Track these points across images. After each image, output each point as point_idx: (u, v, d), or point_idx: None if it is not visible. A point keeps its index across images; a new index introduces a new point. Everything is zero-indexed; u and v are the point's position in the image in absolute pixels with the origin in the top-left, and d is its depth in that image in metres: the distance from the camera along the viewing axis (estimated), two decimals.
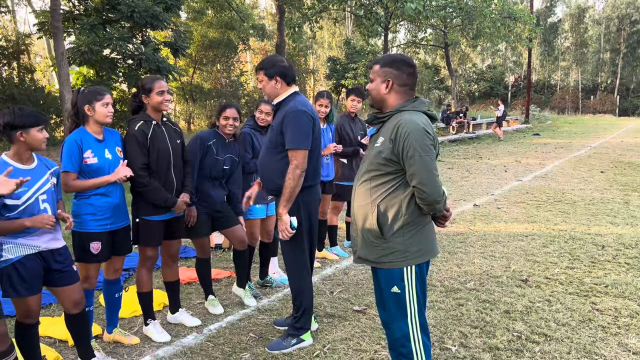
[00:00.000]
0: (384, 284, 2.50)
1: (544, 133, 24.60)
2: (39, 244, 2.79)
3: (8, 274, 2.73)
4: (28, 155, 2.80)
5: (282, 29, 16.50)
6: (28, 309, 2.82)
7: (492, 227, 6.69)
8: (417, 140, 2.32)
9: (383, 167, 2.43)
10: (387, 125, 2.48)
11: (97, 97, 3.20)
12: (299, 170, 3.17)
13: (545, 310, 4.05)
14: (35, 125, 2.75)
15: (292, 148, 3.17)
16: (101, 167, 3.20)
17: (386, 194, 2.44)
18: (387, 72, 2.50)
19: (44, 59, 28.42)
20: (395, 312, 2.49)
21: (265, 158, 3.38)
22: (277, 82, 3.29)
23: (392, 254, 2.45)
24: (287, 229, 3.22)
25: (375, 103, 2.59)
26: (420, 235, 2.47)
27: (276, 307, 4.16)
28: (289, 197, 3.18)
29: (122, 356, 3.36)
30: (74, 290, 2.95)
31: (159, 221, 3.46)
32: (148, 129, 3.38)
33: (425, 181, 2.33)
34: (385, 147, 2.41)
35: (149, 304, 3.62)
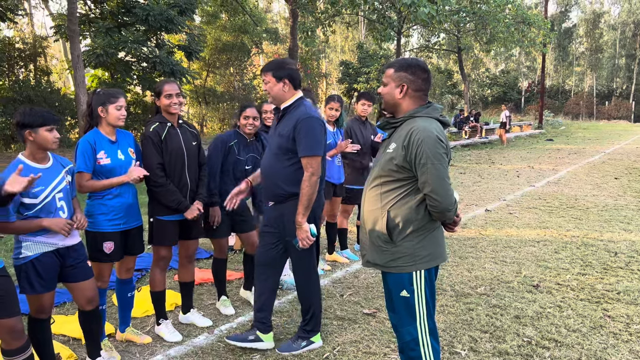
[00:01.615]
0: (393, 288, 2.51)
1: (558, 139, 24.40)
2: (56, 241, 2.85)
3: (26, 271, 2.80)
4: (42, 155, 2.86)
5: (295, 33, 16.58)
6: (42, 304, 2.88)
7: (503, 233, 6.66)
8: (430, 149, 2.32)
9: (395, 173, 2.43)
10: (399, 131, 2.48)
11: (111, 100, 3.25)
12: (316, 177, 3.15)
13: (556, 316, 4.03)
14: (44, 125, 2.79)
15: (307, 155, 3.14)
16: (114, 168, 3.25)
17: (397, 199, 2.44)
18: (402, 77, 2.48)
19: (60, 62, 28.78)
20: (405, 316, 2.50)
21: (272, 163, 3.30)
22: (286, 84, 3.24)
23: (400, 258, 2.46)
24: (308, 237, 3.19)
25: (388, 107, 2.58)
26: (430, 241, 2.48)
27: (286, 309, 4.19)
28: (307, 204, 3.15)
29: (135, 355, 3.41)
30: (88, 286, 3.01)
31: (173, 221, 3.50)
32: (162, 131, 3.44)
33: (437, 189, 2.34)
34: (398, 154, 2.41)
35: (161, 303, 3.67)
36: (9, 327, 2.58)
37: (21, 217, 2.75)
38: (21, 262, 2.80)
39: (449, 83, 43.09)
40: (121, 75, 20.78)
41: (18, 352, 2.64)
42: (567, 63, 53.11)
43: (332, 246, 5.51)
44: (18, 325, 2.62)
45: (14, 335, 2.61)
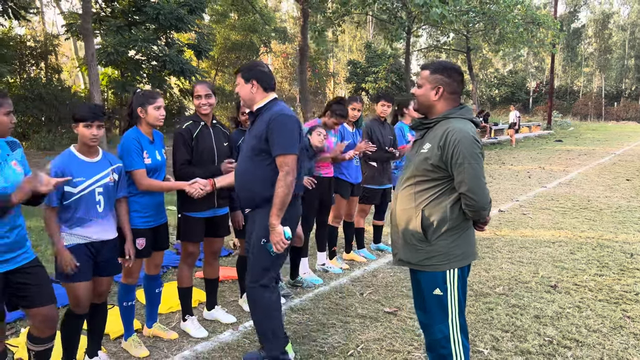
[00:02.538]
0: (426, 286, 2.55)
1: (567, 140, 24.34)
2: (89, 234, 2.92)
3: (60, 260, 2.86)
4: (88, 149, 2.96)
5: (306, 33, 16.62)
6: (77, 295, 2.94)
7: (518, 233, 6.69)
8: (467, 148, 2.37)
9: (430, 173, 2.47)
10: (433, 132, 2.52)
11: (150, 100, 3.34)
12: (291, 177, 2.95)
13: (575, 316, 4.06)
14: (82, 120, 2.89)
15: (281, 153, 2.95)
16: (154, 167, 3.34)
17: (431, 198, 2.48)
18: (438, 79, 2.52)
19: (70, 60, 28.97)
20: (437, 314, 2.54)
21: (245, 167, 3.12)
22: (254, 86, 3.09)
23: (435, 257, 2.49)
24: (282, 240, 2.97)
25: (421, 108, 2.62)
26: (464, 239, 2.52)
27: (308, 306, 4.24)
28: (280, 205, 2.94)
29: (162, 350, 3.48)
30: (107, 281, 3.11)
31: (201, 218, 3.57)
32: (195, 129, 3.51)
33: (475, 189, 2.38)
34: (433, 153, 2.44)
35: (188, 299, 3.74)
36: (43, 315, 2.67)
37: (61, 205, 2.84)
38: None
39: None
40: (131, 74, 20.91)
41: (48, 340, 2.74)
42: (576, 64, 52.87)
43: (349, 245, 5.56)
44: (51, 313, 2.71)
45: (47, 323, 2.70)
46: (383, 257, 5.69)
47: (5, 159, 2.59)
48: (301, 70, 16.78)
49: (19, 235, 2.61)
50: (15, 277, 2.58)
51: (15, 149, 2.69)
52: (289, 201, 2.98)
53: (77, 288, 2.93)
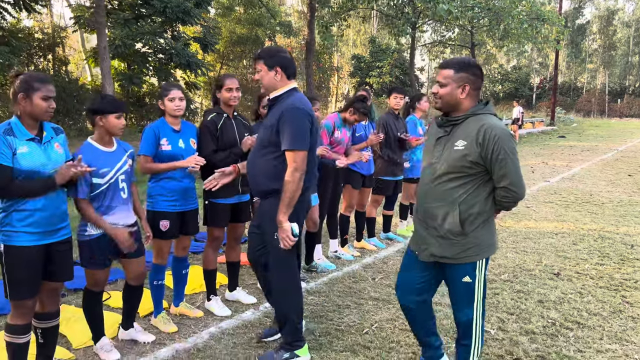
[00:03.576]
0: (456, 276, 2.68)
1: (570, 136, 24.49)
2: (115, 220, 3.13)
3: (89, 247, 3.09)
4: (108, 139, 3.15)
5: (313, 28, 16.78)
6: (97, 278, 3.19)
7: (522, 225, 6.91)
8: (507, 144, 2.48)
9: (467, 169, 2.55)
10: (464, 128, 2.58)
11: (165, 93, 3.57)
12: (299, 173, 2.93)
13: (577, 301, 4.29)
14: (113, 112, 3.08)
15: (290, 149, 2.93)
16: (174, 154, 3.54)
17: (467, 193, 2.58)
18: (464, 77, 2.58)
19: (77, 52, 29.15)
20: (463, 300, 2.70)
21: (256, 157, 3.13)
22: (278, 73, 3.04)
23: (470, 249, 2.62)
24: (288, 236, 2.97)
25: (446, 107, 2.66)
26: (492, 230, 2.69)
27: (323, 289, 4.47)
28: (288, 202, 2.93)
29: (190, 327, 3.71)
30: (138, 263, 3.31)
31: (226, 204, 3.79)
32: (219, 120, 3.73)
33: (517, 182, 2.51)
34: (472, 150, 2.52)
35: (212, 280, 3.98)
36: (52, 290, 2.91)
37: (90, 195, 3.04)
38: (85, 238, 3.09)
39: None
40: (138, 67, 21.10)
41: (51, 316, 2.95)
42: (580, 60, 52.90)
43: (360, 234, 5.79)
44: (59, 289, 2.96)
45: (52, 299, 2.93)
46: (392, 245, 5.91)
47: (49, 140, 2.80)
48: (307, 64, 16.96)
49: (60, 210, 2.82)
50: (51, 250, 2.80)
51: (59, 134, 2.90)
52: (297, 197, 2.96)
53: (99, 273, 3.17)
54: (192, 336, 3.56)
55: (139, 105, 23.59)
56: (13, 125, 2.68)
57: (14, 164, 2.60)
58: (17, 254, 2.67)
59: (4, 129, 2.64)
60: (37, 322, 2.92)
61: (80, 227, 3.11)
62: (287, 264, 3.15)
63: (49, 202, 2.73)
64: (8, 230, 2.66)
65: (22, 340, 2.80)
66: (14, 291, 2.70)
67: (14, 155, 2.61)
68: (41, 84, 2.70)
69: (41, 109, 2.69)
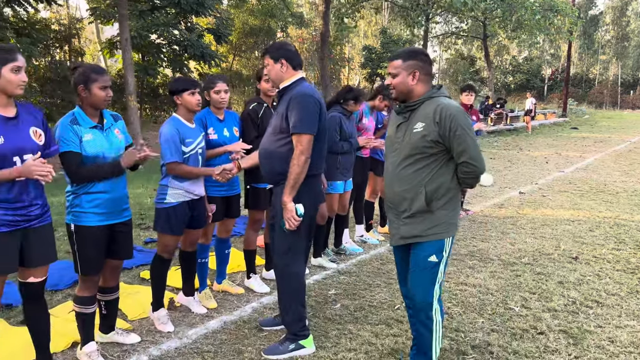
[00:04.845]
0: (424, 254, 2.69)
1: (582, 127, 24.52)
2: (192, 189, 3.46)
3: (166, 214, 3.41)
4: (189, 116, 3.46)
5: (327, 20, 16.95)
6: (168, 244, 3.48)
7: (539, 212, 7.12)
8: (462, 120, 2.58)
9: (428, 149, 2.62)
10: (421, 112, 2.67)
11: (211, 85, 3.80)
12: (304, 156, 3.00)
13: (595, 282, 4.51)
14: (185, 90, 3.39)
15: (296, 132, 3.01)
16: (219, 142, 3.80)
17: (432, 173, 2.65)
18: (412, 65, 2.68)
19: (92, 43, 29.47)
20: (425, 281, 2.71)
21: (267, 144, 3.22)
22: (283, 65, 3.15)
23: (437, 226, 2.67)
24: (293, 217, 3.02)
25: (401, 95, 2.75)
26: (456, 209, 2.75)
27: (353, 270, 4.73)
28: (293, 184, 3.02)
29: (233, 302, 3.98)
30: (198, 233, 3.65)
31: (265, 189, 4.04)
32: (260, 109, 3.97)
33: (475, 156, 2.60)
34: (431, 130, 2.59)
35: (252, 260, 4.25)
36: (114, 267, 3.18)
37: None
38: (163, 205, 3.41)
39: (472, 69, 43.05)
40: (152, 58, 21.37)
41: (113, 290, 3.23)
42: (592, 51, 52.52)
43: (384, 219, 6.03)
44: (120, 266, 3.25)
45: (114, 274, 3.21)
46: None
47: (110, 127, 3.05)
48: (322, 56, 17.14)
49: (122, 193, 3.08)
50: (115, 230, 3.06)
51: (117, 121, 3.15)
52: (301, 179, 3.02)
53: (171, 239, 3.46)
54: (236, 310, 3.83)
55: (153, 96, 23.92)
56: (77, 115, 2.92)
57: (81, 150, 2.85)
58: (86, 233, 2.93)
59: (70, 119, 2.88)
60: (101, 295, 3.19)
61: (159, 195, 3.43)
62: (293, 247, 3.16)
63: (113, 186, 2.98)
64: (78, 211, 2.92)
65: (89, 310, 3.07)
66: (83, 267, 2.97)
67: (80, 142, 2.86)
68: (98, 75, 2.94)
69: (100, 98, 2.92)
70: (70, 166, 2.83)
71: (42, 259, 2.72)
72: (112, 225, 3.01)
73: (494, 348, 3.31)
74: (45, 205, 2.74)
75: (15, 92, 2.50)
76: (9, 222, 2.54)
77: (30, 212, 2.62)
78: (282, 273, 3.22)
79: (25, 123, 2.61)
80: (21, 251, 2.62)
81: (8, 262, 2.57)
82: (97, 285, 3.10)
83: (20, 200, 2.57)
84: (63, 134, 2.81)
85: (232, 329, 3.54)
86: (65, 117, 2.88)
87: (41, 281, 2.77)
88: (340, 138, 4.62)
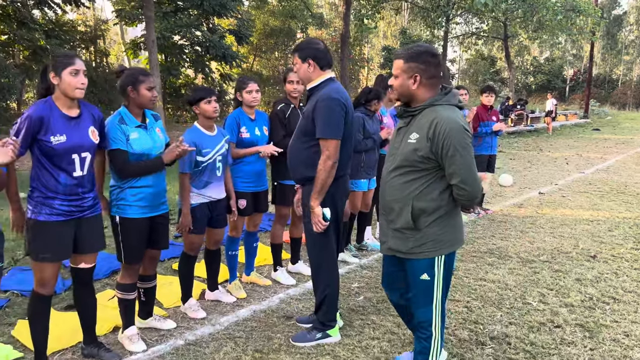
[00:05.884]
0: (414, 272, 2.58)
1: (604, 129, 24.26)
2: (210, 194, 3.64)
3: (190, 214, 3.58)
4: (209, 124, 3.65)
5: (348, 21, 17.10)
6: (193, 242, 3.69)
7: (558, 212, 7.20)
8: (457, 139, 2.35)
9: (419, 164, 2.46)
10: (419, 120, 2.48)
11: (242, 86, 4.01)
12: (331, 161, 3.04)
13: (613, 280, 4.61)
14: (202, 99, 3.58)
15: (323, 137, 3.05)
16: (252, 141, 4.01)
17: (421, 188, 2.48)
18: (413, 67, 2.47)
19: (117, 44, 30.06)
20: (422, 299, 2.60)
21: (294, 146, 3.26)
22: (310, 65, 3.15)
23: (425, 244, 2.52)
24: (320, 221, 3.11)
25: (402, 98, 2.58)
26: (452, 226, 2.55)
27: (375, 265, 4.90)
28: (320, 189, 3.07)
29: (261, 293, 4.19)
30: (220, 232, 3.84)
31: (292, 185, 4.23)
32: (287, 110, 4.17)
33: (467, 179, 2.39)
34: (422, 145, 2.42)
35: (279, 253, 4.45)
36: (153, 256, 3.41)
37: (193, 170, 3.53)
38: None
39: (492, 70, 42.80)
40: (175, 59, 21.78)
41: (151, 278, 3.46)
42: (616, 51, 51.74)
43: None
44: (158, 256, 3.47)
45: (152, 264, 3.43)
46: None
47: (152, 126, 3.27)
48: (342, 57, 17.30)
49: (162, 188, 3.30)
50: (154, 222, 3.27)
51: (157, 120, 3.37)
52: (329, 184, 3.07)
53: (195, 238, 3.67)
54: (264, 300, 4.04)
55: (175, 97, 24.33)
56: (123, 115, 3.14)
57: (128, 148, 3.08)
58: (130, 225, 3.15)
59: (117, 119, 3.11)
60: (140, 283, 3.42)
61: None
62: (323, 245, 3.28)
63: (155, 180, 3.20)
64: (122, 204, 3.14)
65: (131, 296, 3.30)
66: (127, 256, 3.19)
67: (127, 140, 3.08)
68: (145, 76, 3.17)
69: (147, 98, 3.15)
70: (118, 162, 3.05)
71: (92, 246, 2.96)
72: (153, 217, 3.23)
73: (511, 339, 3.45)
74: (96, 198, 2.97)
75: (74, 94, 2.73)
76: (65, 212, 2.77)
77: (84, 203, 2.85)
78: (316, 268, 3.36)
79: (86, 123, 2.85)
80: (74, 239, 2.86)
81: (64, 249, 2.81)
82: (138, 273, 3.32)
83: (75, 192, 2.81)
84: (112, 132, 3.03)
85: (262, 317, 3.74)
86: (113, 116, 3.10)
87: (91, 267, 3.01)
88: (363, 137, 4.78)
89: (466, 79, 46.18)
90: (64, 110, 2.77)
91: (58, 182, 2.74)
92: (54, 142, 2.69)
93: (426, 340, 2.65)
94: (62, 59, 2.72)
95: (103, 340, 3.30)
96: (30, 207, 2.77)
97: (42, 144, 2.69)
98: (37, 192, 2.75)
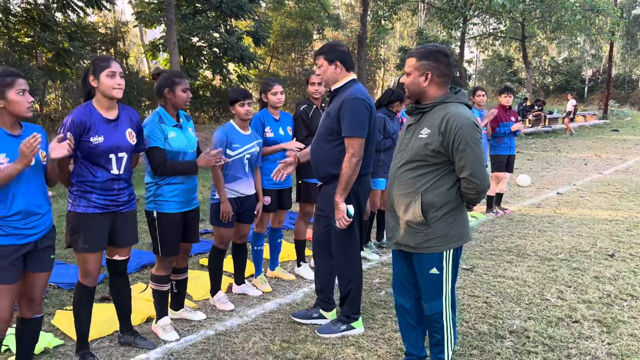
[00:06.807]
0: (423, 266, 2.64)
1: (623, 129, 24.02)
2: (238, 189, 3.81)
3: (217, 209, 3.77)
4: (244, 124, 3.83)
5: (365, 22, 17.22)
6: (222, 236, 3.85)
7: (577, 212, 7.24)
8: (469, 134, 2.45)
9: (430, 158, 2.53)
10: (430, 117, 2.56)
11: (267, 88, 4.16)
12: (355, 159, 3.16)
13: (631, 278, 4.67)
14: (236, 101, 3.75)
15: (348, 136, 3.16)
16: (275, 140, 4.16)
17: (431, 182, 2.56)
18: (425, 65, 2.56)
19: (136, 46, 30.53)
20: (432, 292, 2.67)
21: (319, 144, 3.36)
22: (337, 67, 3.28)
23: (433, 239, 2.58)
24: (344, 217, 3.22)
25: (413, 96, 2.67)
26: (460, 221, 2.62)
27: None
28: (345, 185, 3.18)
29: (285, 287, 4.34)
30: (246, 227, 4.00)
31: (316, 184, 4.36)
32: (310, 110, 4.32)
33: (477, 173, 2.48)
34: (434, 139, 2.50)
35: (302, 249, 4.60)
36: (185, 250, 3.57)
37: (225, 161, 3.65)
38: (216, 201, 3.79)
39: (509, 70, 42.52)
40: (194, 60, 22.07)
41: (183, 271, 3.63)
42: (636, 51, 51.03)
43: None
44: (189, 249, 3.63)
45: (184, 257, 3.60)
46: None
47: (186, 126, 3.43)
48: (359, 57, 17.42)
49: (194, 184, 3.46)
50: (187, 216, 3.43)
51: (189, 120, 3.53)
52: (353, 181, 3.19)
53: (224, 231, 3.83)
54: (289, 294, 4.19)
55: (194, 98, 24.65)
56: (162, 114, 3.32)
57: (165, 146, 3.24)
58: (167, 219, 3.32)
59: (157, 119, 3.28)
60: (173, 275, 3.58)
61: (212, 192, 3.81)
62: (348, 241, 3.41)
63: (188, 177, 3.37)
64: (160, 200, 3.31)
65: (164, 288, 3.46)
66: (163, 249, 3.36)
67: (165, 139, 3.25)
68: (180, 79, 3.35)
69: (182, 99, 3.33)
70: (156, 160, 3.22)
71: (127, 240, 3.13)
72: (186, 212, 3.40)
73: (530, 333, 3.55)
74: (132, 194, 3.14)
75: (112, 94, 2.90)
76: (101, 205, 2.95)
77: (119, 199, 3.02)
78: (341, 261, 3.46)
79: (124, 125, 3.02)
80: (110, 232, 3.03)
81: (100, 240, 2.98)
82: (172, 265, 3.49)
83: (111, 188, 2.98)
84: (151, 131, 3.21)
85: (287, 310, 3.89)
86: (152, 116, 3.28)
87: (125, 259, 3.19)
88: (383, 136, 4.90)
89: (483, 79, 45.88)
90: (103, 113, 2.95)
91: (95, 178, 2.92)
92: (93, 142, 2.88)
93: (438, 332, 2.72)
94: (100, 63, 2.90)
95: (137, 330, 3.47)
96: (70, 200, 2.96)
97: (83, 144, 2.88)
98: (76, 187, 2.95)
